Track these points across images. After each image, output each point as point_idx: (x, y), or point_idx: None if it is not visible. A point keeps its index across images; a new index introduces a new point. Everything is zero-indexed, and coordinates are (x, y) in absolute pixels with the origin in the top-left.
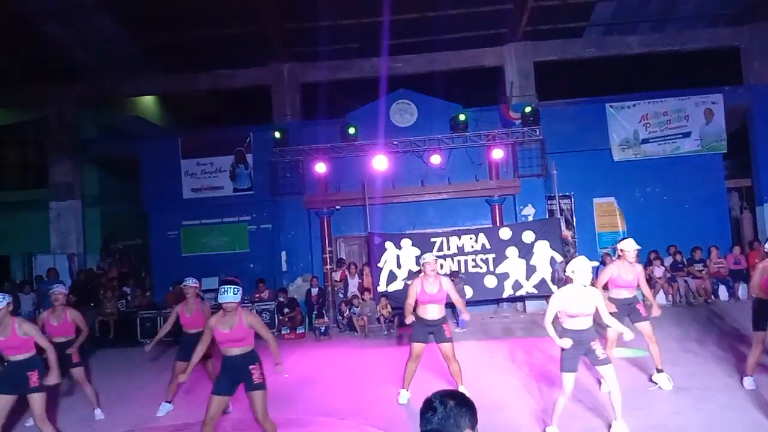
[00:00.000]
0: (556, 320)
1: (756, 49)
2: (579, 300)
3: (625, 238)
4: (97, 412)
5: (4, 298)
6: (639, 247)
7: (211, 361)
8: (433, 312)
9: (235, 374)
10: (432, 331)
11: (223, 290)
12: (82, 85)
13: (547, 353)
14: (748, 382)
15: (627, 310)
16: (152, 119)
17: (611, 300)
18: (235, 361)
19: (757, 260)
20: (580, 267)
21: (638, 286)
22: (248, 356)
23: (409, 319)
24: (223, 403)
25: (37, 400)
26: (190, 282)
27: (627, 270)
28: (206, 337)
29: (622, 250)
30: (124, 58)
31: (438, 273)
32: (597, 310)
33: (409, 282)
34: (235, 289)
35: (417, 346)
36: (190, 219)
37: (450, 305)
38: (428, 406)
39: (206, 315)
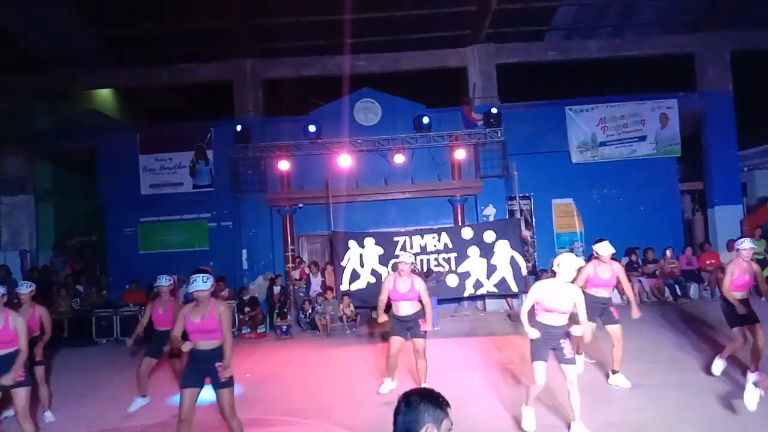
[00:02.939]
0: (531, 313)
1: (709, 56)
2: (558, 295)
3: (602, 240)
4: (47, 414)
5: (208, 279)
6: (613, 250)
7: (179, 361)
8: (405, 308)
9: (202, 368)
10: (409, 327)
11: (192, 279)
12: (37, 76)
13: (508, 351)
14: (719, 364)
15: (600, 310)
16: (110, 113)
17: (589, 298)
18: (203, 355)
19: (710, 261)
20: (566, 263)
21: (617, 285)
22: (216, 351)
23: (382, 318)
24: (195, 396)
25: (21, 395)
26: (163, 281)
27: (604, 269)
28: (179, 325)
29: (597, 253)
30: (82, 50)
31: (412, 272)
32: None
33: (372, 281)
34: (205, 278)
35: (395, 340)
36: (148, 215)
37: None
38: (396, 408)
39: (176, 313)
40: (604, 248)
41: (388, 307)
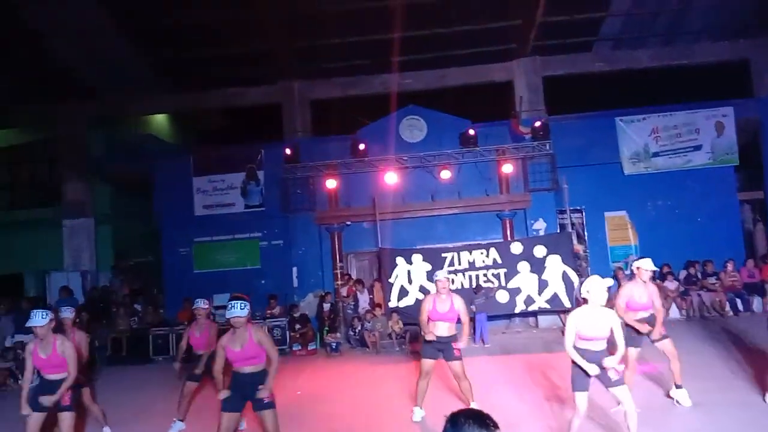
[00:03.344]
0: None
1: (765, 61)
2: (594, 322)
3: (643, 257)
4: (106, 429)
5: (46, 315)
6: (656, 269)
7: (224, 380)
8: (442, 329)
9: (244, 391)
10: (441, 348)
11: (230, 306)
12: (92, 104)
13: (560, 369)
14: None
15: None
16: (164, 137)
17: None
18: (245, 378)
19: None
20: (595, 287)
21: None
22: (259, 375)
23: (430, 336)
24: (234, 420)
25: (66, 418)
26: (201, 304)
27: (641, 292)
28: (220, 357)
29: (638, 268)
30: (135, 76)
31: (450, 291)
32: (612, 332)
33: (420, 297)
34: (242, 304)
35: (426, 363)
36: (202, 236)
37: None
38: (445, 428)
39: (214, 336)
40: (647, 263)
41: None
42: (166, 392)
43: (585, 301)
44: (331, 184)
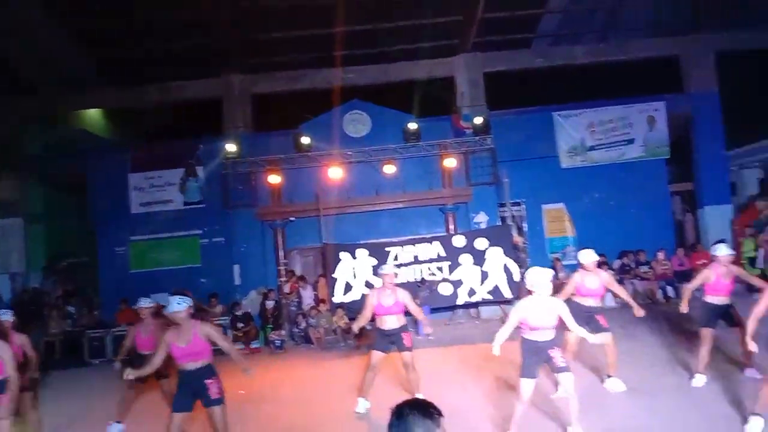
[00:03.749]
0: (517, 330)
1: (695, 58)
2: (541, 311)
3: (584, 249)
4: None
5: (183, 301)
6: (597, 258)
7: (167, 381)
8: (390, 322)
9: (192, 389)
10: (392, 340)
11: (169, 301)
12: (26, 99)
13: (502, 359)
14: (699, 379)
15: (586, 319)
16: (100, 133)
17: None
18: (191, 375)
19: (702, 261)
20: (538, 279)
21: (603, 295)
22: (204, 370)
23: (356, 326)
24: (184, 420)
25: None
26: (144, 303)
27: (591, 279)
28: (161, 351)
29: (581, 264)
30: (72, 71)
31: (395, 285)
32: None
33: (366, 292)
34: (180, 299)
35: (376, 354)
36: (139, 234)
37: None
38: (390, 420)
39: (159, 336)
40: (586, 256)
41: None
42: (104, 396)
43: (530, 292)
44: (273, 179)
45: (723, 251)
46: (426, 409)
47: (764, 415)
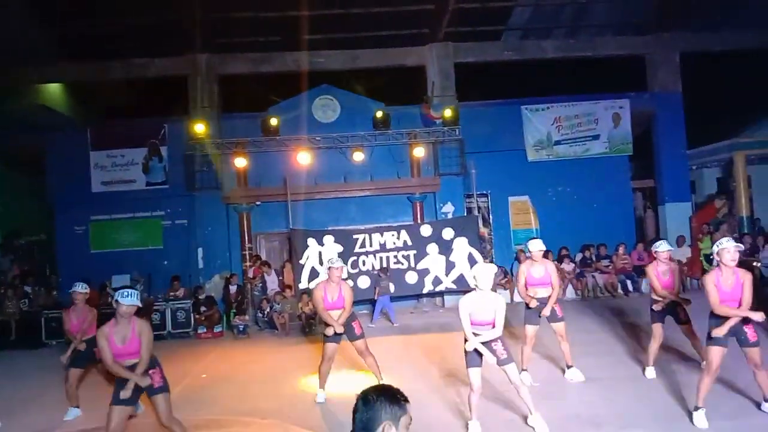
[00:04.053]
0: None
1: (659, 58)
2: (483, 306)
3: (534, 238)
4: None
5: (136, 296)
6: (543, 248)
7: (101, 366)
8: (336, 315)
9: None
10: (343, 331)
11: (126, 293)
12: None
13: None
14: (650, 371)
15: (541, 310)
16: (59, 109)
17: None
18: (132, 368)
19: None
20: (481, 273)
21: (551, 283)
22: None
23: (340, 328)
24: (126, 413)
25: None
26: (79, 288)
27: (537, 268)
28: (105, 349)
29: (529, 250)
30: (30, 44)
31: (341, 279)
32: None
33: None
34: (137, 294)
35: (329, 346)
36: (100, 214)
37: (368, 301)
38: (355, 406)
39: (91, 322)
40: (535, 244)
41: None
42: (59, 378)
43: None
44: (240, 162)
45: (663, 247)
46: (393, 395)
47: (705, 406)
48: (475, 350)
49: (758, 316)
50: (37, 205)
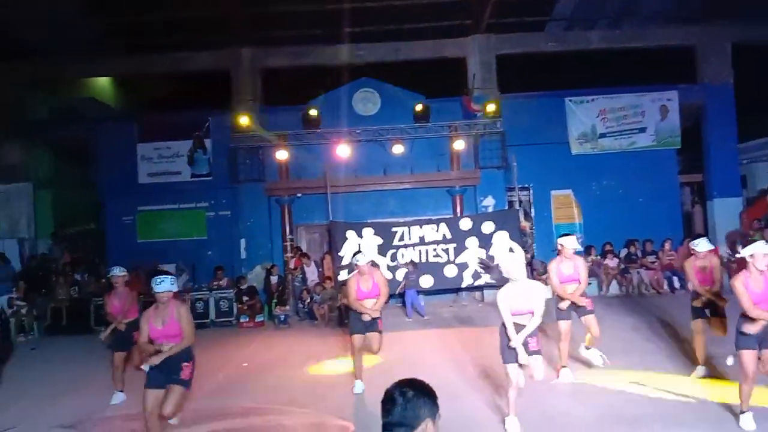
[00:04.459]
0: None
1: (710, 48)
2: (521, 297)
3: (567, 234)
4: None
5: (174, 282)
6: (579, 247)
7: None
8: (369, 306)
9: (167, 367)
10: (368, 324)
11: (159, 280)
12: (33, 64)
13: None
14: (699, 370)
15: (573, 305)
16: (108, 102)
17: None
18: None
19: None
20: (512, 265)
21: (591, 276)
22: (183, 352)
23: (366, 316)
24: (159, 396)
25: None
26: (117, 271)
27: (566, 264)
28: (143, 331)
29: (562, 245)
30: (79, 38)
31: (372, 267)
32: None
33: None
34: (171, 279)
35: (357, 338)
36: (147, 204)
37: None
38: (388, 398)
39: (132, 304)
40: (569, 242)
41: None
42: (107, 363)
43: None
44: (281, 155)
45: (701, 247)
46: (431, 392)
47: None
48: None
49: None
50: (87, 195)
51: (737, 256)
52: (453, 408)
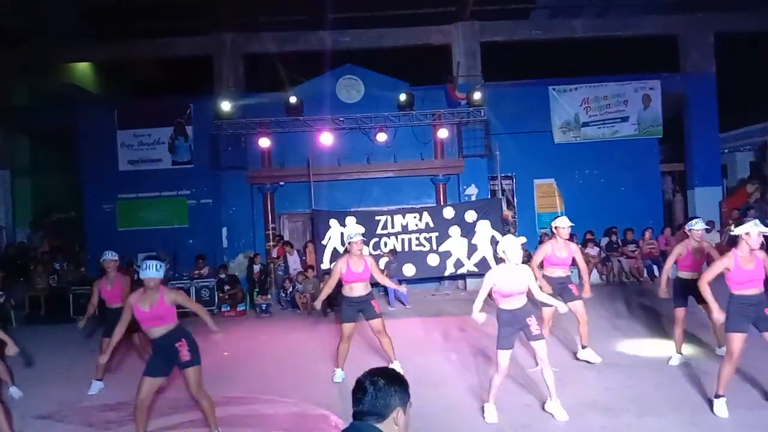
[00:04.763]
0: (493, 301)
1: (693, 38)
2: (511, 278)
3: (560, 216)
4: (13, 389)
5: (161, 267)
6: (572, 224)
7: (138, 334)
8: (359, 289)
9: (165, 354)
10: (361, 308)
11: (145, 266)
12: (13, 50)
13: (485, 330)
14: (675, 359)
15: (558, 290)
16: (89, 88)
17: (546, 279)
18: (161, 341)
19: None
20: (510, 246)
21: (572, 264)
22: (173, 333)
23: (318, 303)
24: (156, 385)
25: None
26: (109, 256)
27: (561, 248)
28: (126, 315)
29: (556, 227)
30: (60, 23)
31: (362, 253)
32: (530, 288)
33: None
34: (158, 265)
35: (347, 326)
36: (127, 192)
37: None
38: (359, 387)
39: (125, 288)
40: (563, 221)
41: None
42: (86, 353)
43: (503, 260)
44: (264, 142)
45: (699, 225)
46: (402, 381)
47: (726, 395)
48: (510, 330)
49: None
50: (68, 183)
51: (731, 233)
52: (434, 396)
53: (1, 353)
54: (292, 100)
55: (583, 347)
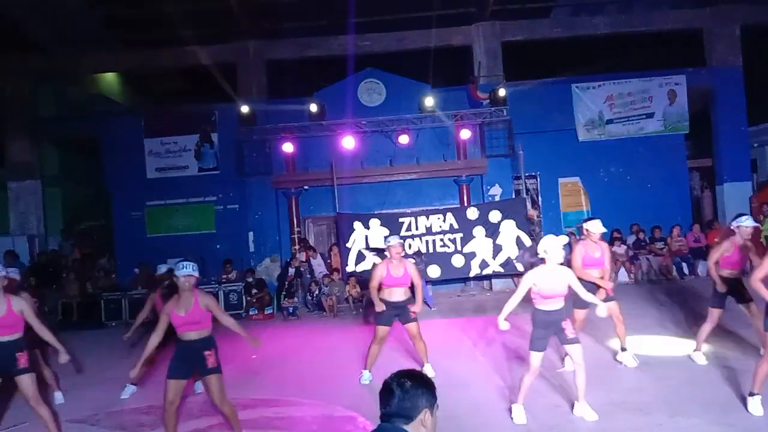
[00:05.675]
0: (529, 301)
1: (719, 31)
2: (553, 280)
3: (592, 219)
4: (57, 395)
5: (196, 267)
6: (605, 230)
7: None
8: (398, 294)
9: (190, 358)
10: (398, 313)
11: (181, 265)
12: (38, 59)
13: (512, 331)
14: (699, 356)
15: (593, 291)
16: (115, 97)
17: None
18: (190, 345)
19: (716, 239)
20: (552, 246)
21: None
22: (204, 341)
23: (380, 306)
24: (181, 387)
25: (26, 381)
26: (164, 269)
27: (594, 248)
28: (162, 324)
29: (587, 230)
30: (85, 33)
31: (402, 257)
32: (571, 288)
33: (378, 261)
34: (194, 266)
35: (382, 329)
36: (155, 199)
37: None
38: (386, 389)
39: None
40: (596, 226)
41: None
42: (117, 358)
43: (543, 261)
44: (288, 147)
45: (749, 222)
46: (429, 383)
47: (761, 393)
48: (545, 333)
49: None
50: (97, 191)
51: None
52: (461, 397)
53: (47, 358)
54: (313, 108)
55: (623, 349)
